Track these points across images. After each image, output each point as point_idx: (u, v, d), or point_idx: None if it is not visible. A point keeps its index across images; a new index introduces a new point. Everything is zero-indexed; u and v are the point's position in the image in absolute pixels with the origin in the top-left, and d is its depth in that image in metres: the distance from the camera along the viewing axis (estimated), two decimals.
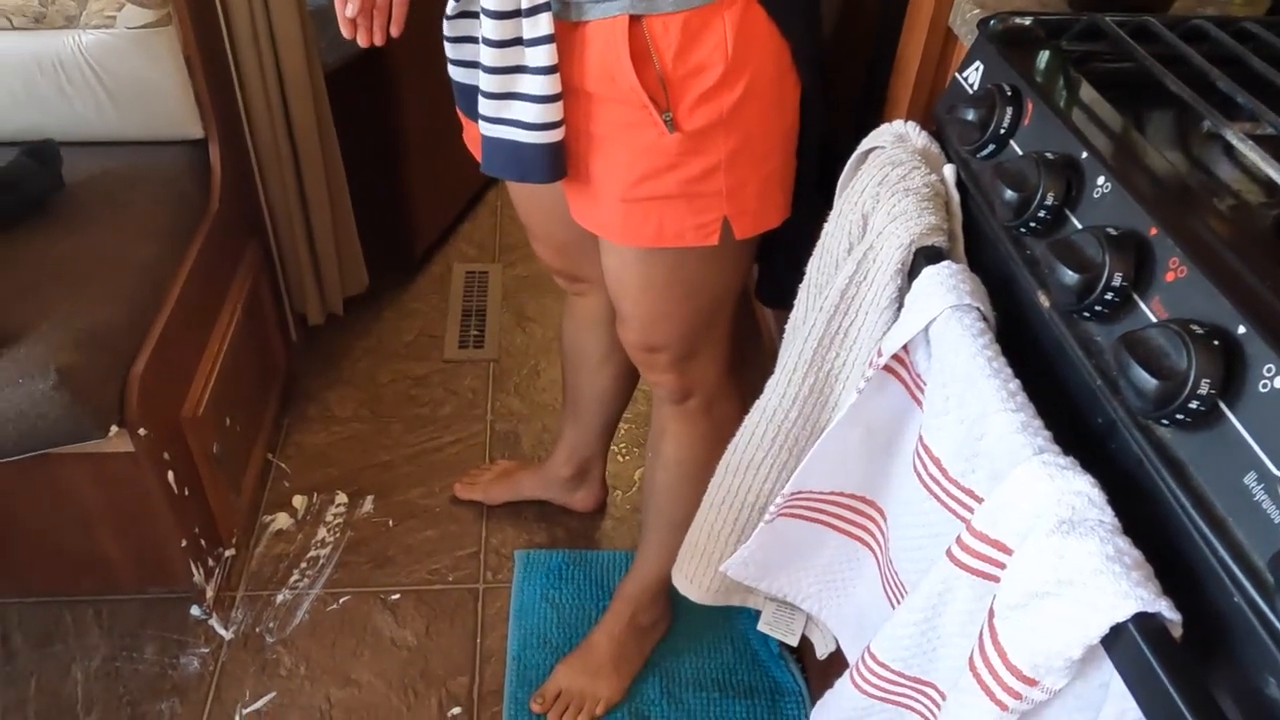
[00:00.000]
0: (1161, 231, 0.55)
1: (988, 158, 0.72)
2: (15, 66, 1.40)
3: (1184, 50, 0.69)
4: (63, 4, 1.36)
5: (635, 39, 0.85)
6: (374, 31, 1.06)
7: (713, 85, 0.85)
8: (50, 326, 1.18)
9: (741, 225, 0.94)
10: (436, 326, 2.01)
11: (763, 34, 0.86)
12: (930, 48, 0.87)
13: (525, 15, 0.85)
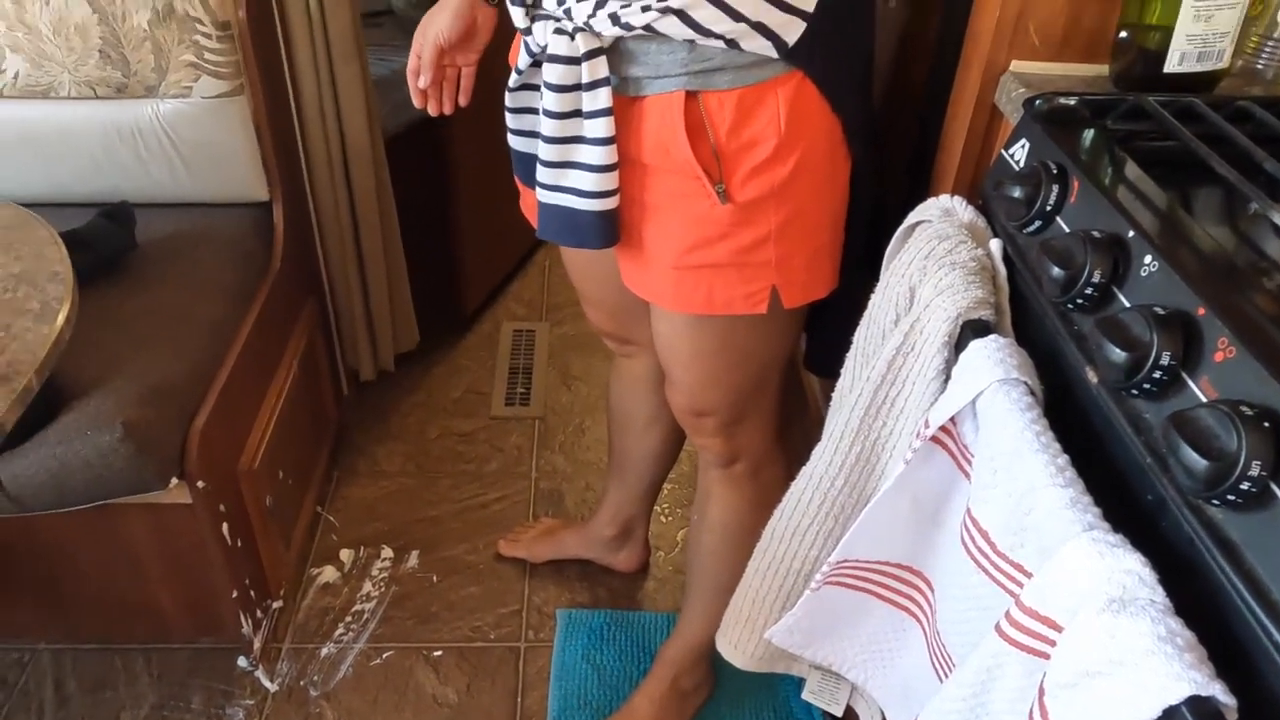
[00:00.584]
0: (1209, 311, 0.55)
1: (1034, 234, 0.74)
2: (96, 133, 1.48)
3: (1229, 131, 0.70)
4: (143, 75, 1.44)
5: (691, 113, 0.88)
6: (443, 102, 1.13)
7: (765, 159, 0.88)
8: (118, 380, 1.23)
9: (790, 295, 0.96)
10: (484, 383, 2.04)
11: (815, 111, 0.88)
12: (976, 124, 0.89)
13: (585, 89, 0.89)
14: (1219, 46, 0.78)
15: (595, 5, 0.85)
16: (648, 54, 0.87)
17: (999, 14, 0.83)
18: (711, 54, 0.85)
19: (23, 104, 1.46)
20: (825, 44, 0.85)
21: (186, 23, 1.40)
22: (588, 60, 0.87)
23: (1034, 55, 0.86)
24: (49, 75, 1.43)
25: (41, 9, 1.38)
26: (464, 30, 1.09)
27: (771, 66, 0.85)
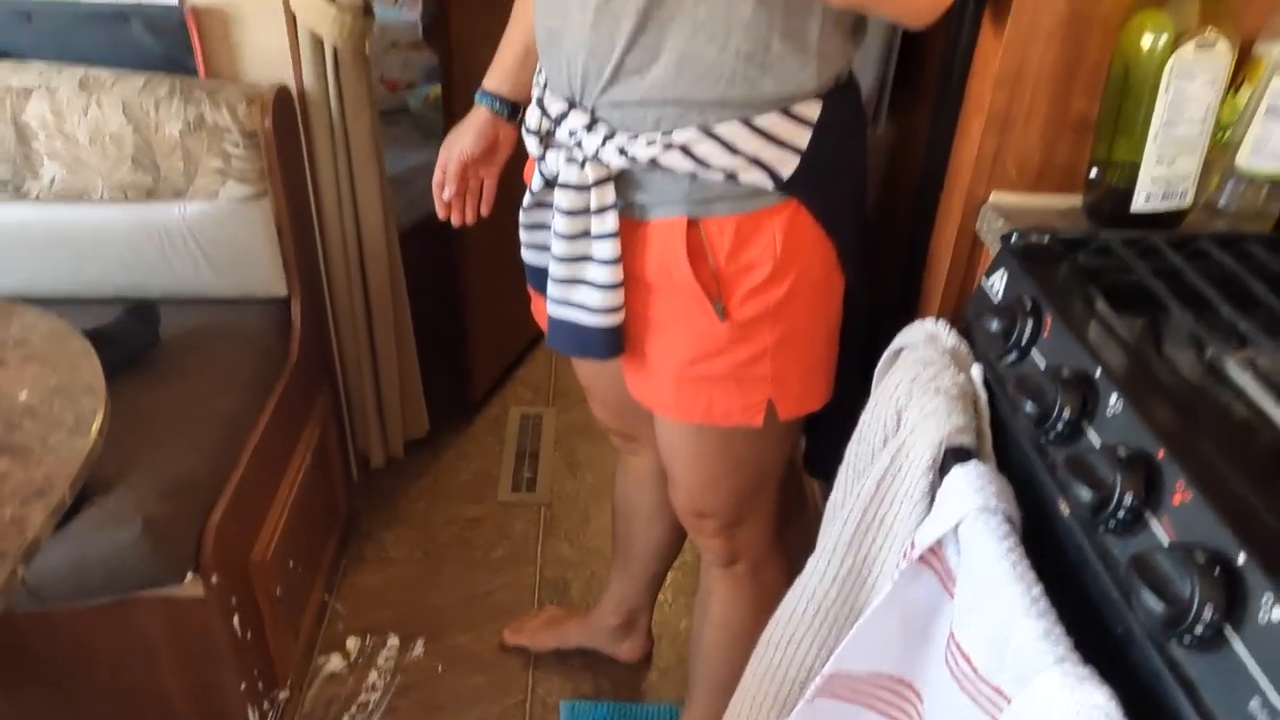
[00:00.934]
0: (1168, 454, 0.59)
1: (1012, 365, 0.78)
2: (124, 234, 1.55)
3: (1188, 275, 0.75)
4: (173, 180, 1.51)
5: (692, 238, 0.93)
6: (466, 212, 1.20)
7: (762, 281, 0.93)
8: (138, 476, 1.27)
9: (785, 408, 1.00)
10: (492, 468, 2.08)
11: (809, 237, 0.94)
12: (959, 250, 0.95)
13: (594, 214, 0.95)
14: (1182, 187, 0.83)
15: (604, 138, 0.92)
16: (652, 183, 0.93)
17: (978, 149, 0.89)
18: (712, 185, 0.91)
19: (58, 206, 1.53)
20: (819, 175, 0.91)
21: (216, 132, 1.48)
22: (596, 188, 0.93)
23: (1012, 187, 0.91)
24: (84, 180, 1.51)
25: (80, 119, 1.46)
26: (486, 147, 1.16)
27: (768, 196, 0.91)
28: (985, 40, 0.88)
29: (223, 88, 1.49)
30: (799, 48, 0.86)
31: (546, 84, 0.99)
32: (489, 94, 1.16)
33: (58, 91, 1.45)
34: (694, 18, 0.85)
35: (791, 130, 0.89)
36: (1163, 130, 0.80)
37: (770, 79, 0.87)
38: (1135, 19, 0.80)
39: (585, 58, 0.90)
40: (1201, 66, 0.77)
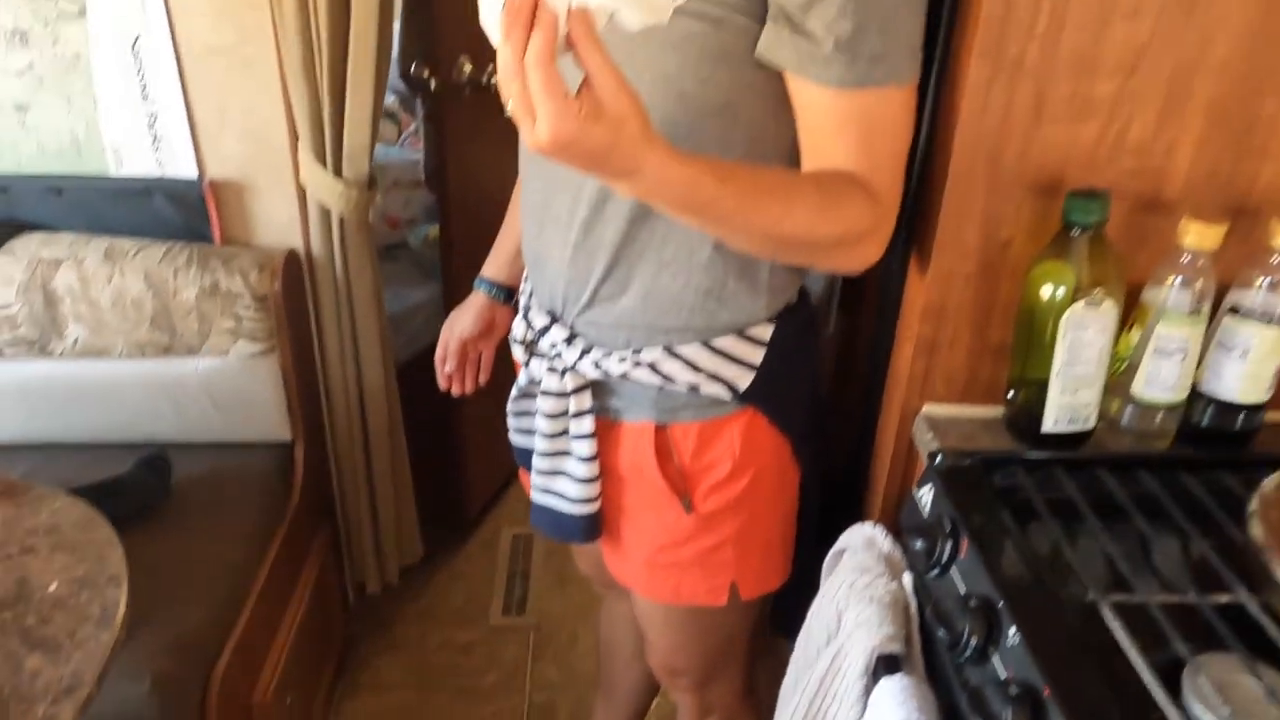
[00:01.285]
0: (1053, 694, 0.69)
1: (936, 578, 0.88)
2: (141, 387, 1.66)
3: (1080, 506, 0.86)
4: (188, 339, 1.63)
5: (660, 441, 1.04)
6: (465, 383, 1.33)
7: (723, 478, 1.04)
8: (147, 630, 1.36)
9: (747, 588, 1.10)
10: (484, 589, 2.16)
11: (766, 437, 1.05)
12: (898, 455, 1.06)
13: (572, 417, 1.06)
14: (1085, 414, 0.94)
15: (581, 352, 1.03)
16: (625, 391, 1.05)
17: (909, 369, 1.01)
18: (677, 395, 1.02)
19: (79, 363, 1.65)
20: (772, 386, 1.03)
21: (229, 297, 1.60)
22: (575, 395, 1.05)
23: (942, 399, 1.03)
24: (105, 340, 1.63)
25: (104, 286, 1.59)
26: (484, 327, 1.30)
27: (727, 405, 1.02)
28: (912, 278, 1.00)
29: (236, 255, 1.62)
30: (751, 285, 0.98)
31: (532, 296, 1.11)
32: (487, 280, 1.29)
33: (85, 262, 1.58)
34: (660, 257, 0.97)
35: (746, 350, 1.00)
36: (1064, 369, 0.91)
37: (726, 310, 0.99)
38: (1036, 270, 0.92)
39: (565, 285, 1.03)
40: (1092, 319, 0.89)
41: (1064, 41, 0.85)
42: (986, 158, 0.90)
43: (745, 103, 0.88)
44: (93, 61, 1.54)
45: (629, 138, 0.68)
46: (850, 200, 0.84)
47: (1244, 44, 0.86)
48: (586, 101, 0.66)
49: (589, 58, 0.66)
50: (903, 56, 0.82)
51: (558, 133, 0.65)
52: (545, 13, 0.63)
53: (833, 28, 0.79)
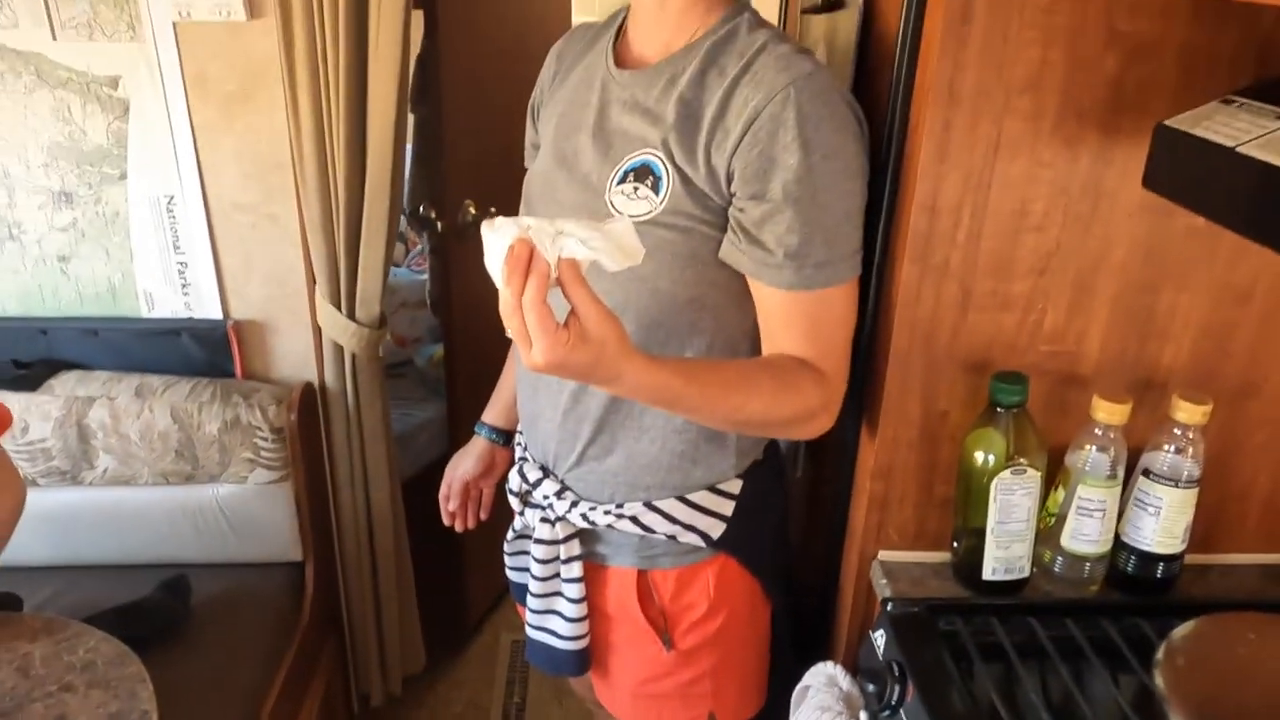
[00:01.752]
0: None
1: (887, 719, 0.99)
2: (163, 512, 1.78)
3: (1010, 655, 0.96)
4: (209, 468, 1.75)
5: (642, 585, 1.16)
6: (468, 519, 1.45)
7: (700, 617, 1.15)
8: None
9: (725, 717, 1.20)
10: (484, 696, 2.23)
11: (738, 579, 1.16)
12: (858, 598, 1.17)
13: (563, 563, 1.17)
14: (1019, 564, 1.06)
15: (571, 504, 1.15)
16: (610, 539, 1.16)
17: (864, 520, 1.12)
18: (656, 544, 1.14)
19: (107, 490, 1.77)
20: (742, 532, 1.14)
21: (249, 429, 1.73)
22: (565, 543, 1.16)
23: (895, 546, 1.14)
24: (132, 469, 1.75)
25: (133, 421, 1.71)
26: (484, 468, 1.42)
27: (702, 552, 1.14)
28: (864, 442, 1.12)
29: (256, 390, 1.75)
30: (721, 447, 1.11)
31: (526, 449, 1.23)
32: (487, 426, 1.42)
33: (117, 399, 1.71)
34: (639, 425, 1.09)
35: (718, 502, 1.12)
36: (997, 526, 1.03)
37: (700, 470, 1.11)
38: (970, 438, 1.05)
39: (556, 444, 1.15)
40: (1018, 484, 1.01)
41: (982, 248, 0.99)
42: (922, 341, 1.03)
43: (712, 295, 1.02)
44: (131, 218, 1.70)
45: (609, 357, 0.82)
46: (801, 384, 0.98)
47: (1138, 250, 1.00)
48: (573, 331, 0.80)
49: (574, 295, 0.80)
50: (844, 261, 0.96)
51: (549, 359, 0.79)
52: (539, 262, 0.78)
53: (782, 240, 0.94)
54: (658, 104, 1.00)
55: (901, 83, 0.96)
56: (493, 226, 0.79)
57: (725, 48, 0.98)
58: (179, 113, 1.62)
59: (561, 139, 1.10)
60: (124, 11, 1.55)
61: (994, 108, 0.93)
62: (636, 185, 0.99)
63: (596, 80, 1.08)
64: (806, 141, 0.91)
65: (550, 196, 1.09)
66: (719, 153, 0.95)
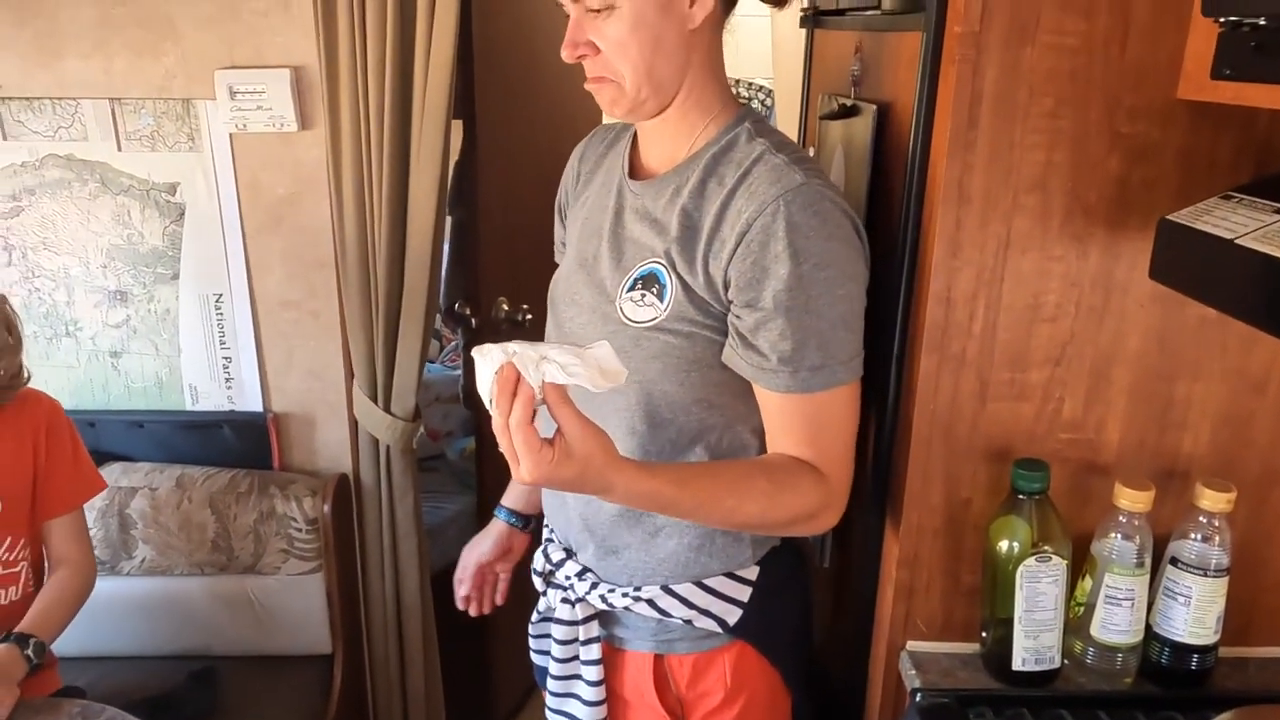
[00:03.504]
0: None
1: None
2: (196, 602, 1.80)
3: None
4: (244, 558, 1.78)
5: (659, 670, 1.16)
6: (484, 605, 1.45)
7: (716, 705, 1.14)
8: None
9: None
10: None
11: (756, 668, 1.16)
12: (888, 687, 1.16)
13: (582, 644, 1.18)
14: (1049, 654, 1.05)
15: (591, 586, 1.17)
16: (628, 622, 1.17)
17: (891, 611, 1.13)
18: (673, 628, 1.15)
19: (143, 580, 1.80)
20: (762, 619, 1.14)
21: (284, 520, 1.76)
22: (584, 624, 1.17)
23: (923, 637, 1.14)
24: (169, 560, 1.78)
25: (173, 512, 1.76)
26: (501, 552, 1.43)
27: (719, 638, 1.14)
28: (889, 531, 1.14)
29: (293, 482, 1.79)
30: (736, 538, 1.12)
31: (552, 531, 1.25)
32: (506, 509, 1.44)
33: (158, 490, 1.76)
34: (655, 521, 1.12)
35: (734, 588, 1.13)
36: (1024, 615, 1.03)
37: (716, 560, 1.13)
38: (994, 526, 1.06)
39: (576, 533, 1.18)
40: (1044, 572, 1.02)
41: (998, 339, 1.02)
42: (942, 430, 1.06)
43: (718, 396, 1.05)
44: (181, 315, 1.78)
45: (595, 470, 0.88)
46: (800, 485, 1.00)
47: (1152, 340, 1.02)
48: (558, 448, 0.86)
49: (559, 415, 0.87)
50: (840, 365, 0.98)
51: (535, 475, 0.86)
52: (524, 388, 0.85)
53: (776, 347, 0.97)
54: (664, 214, 1.05)
55: (914, 183, 1.01)
56: (482, 352, 0.86)
57: (725, 158, 1.02)
58: (231, 216, 1.71)
59: (583, 242, 1.16)
60: (185, 124, 1.66)
61: (1003, 206, 0.97)
62: (644, 293, 1.04)
63: (614, 186, 1.14)
64: (797, 251, 0.94)
65: (571, 298, 1.15)
66: (716, 262, 0.99)
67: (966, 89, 0.93)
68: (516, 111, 2.08)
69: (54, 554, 1.51)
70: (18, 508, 1.44)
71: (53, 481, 1.48)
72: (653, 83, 1.00)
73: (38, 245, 1.73)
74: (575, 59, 1.00)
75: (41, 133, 1.67)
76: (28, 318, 1.77)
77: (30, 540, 1.48)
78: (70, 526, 1.52)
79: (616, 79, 1.00)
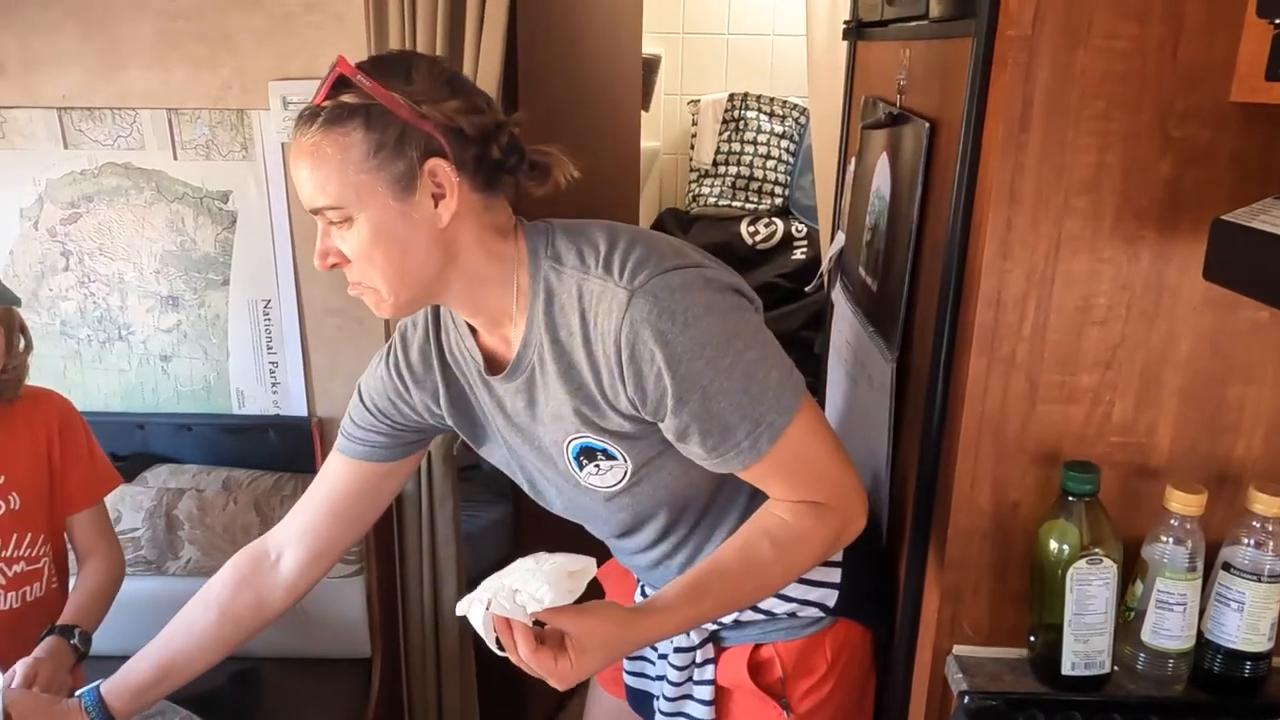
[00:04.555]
0: None
1: None
2: None
3: None
4: None
5: (753, 658, 1.18)
6: None
7: (816, 680, 1.18)
8: None
9: None
10: None
11: (853, 636, 1.20)
12: (933, 692, 1.15)
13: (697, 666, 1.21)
14: (1099, 659, 1.04)
15: None
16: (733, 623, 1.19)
17: (938, 614, 1.12)
18: (778, 620, 1.18)
19: (188, 580, 1.82)
20: (857, 591, 1.18)
21: None
22: (700, 648, 1.20)
23: (970, 642, 1.13)
24: (213, 560, 1.80)
25: (219, 513, 1.79)
26: None
27: (821, 623, 1.18)
28: (935, 534, 1.14)
29: None
30: None
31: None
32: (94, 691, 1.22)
33: (205, 491, 1.79)
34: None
35: (826, 572, 1.17)
36: (1074, 618, 1.03)
37: None
38: (1043, 529, 1.05)
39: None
40: (1095, 574, 1.01)
41: (1048, 341, 1.02)
42: (991, 433, 1.06)
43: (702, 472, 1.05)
44: (230, 320, 1.81)
45: (617, 642, 0.94)
46: (804, 530, 1.01)
47: (1204, 343, 1.02)
48: (573, 650, 0.91)
49: (555, 625, 0.91)
50: (773, 415, 0.96)
51: (566, 680, 0.91)
52: (517, 624, 0.90)
53: (705, 441, 0.97)
54: (544, 395, 1.02)
55: (964, 184, 1.02)
56: (468, 611, 0.92)
57: (552, 308, 0.98)
58: (281, 223, 1.75)
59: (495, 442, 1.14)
60: (239, 134, 1.70)
61: (1054, 208, 0.98)
62: (595, 465, 1.04)
63: (478, 386, 1.09)
64: (669, 359, 0.92)
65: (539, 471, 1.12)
66: (618, 399, 0.98)
67: (1019, 92, 0.94)
68: (559, 126, 2.11)
69: (80, 549, 1.54)
70: (36, 504, 1.46)
71: (70, 477, 1.50)
72: (410, 285, 0.96)
73: (94, 251, 1.78)
74: (327, 268, 0.97)
75: (101, 141, 1.72)
76: (82, 321, 1.82)
77: (51, 536, 1.49)
78: (93, 521, 1.54)
79: (372, 285, 0.96)
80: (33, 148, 1.72)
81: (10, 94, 1.69)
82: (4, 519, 1.42)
